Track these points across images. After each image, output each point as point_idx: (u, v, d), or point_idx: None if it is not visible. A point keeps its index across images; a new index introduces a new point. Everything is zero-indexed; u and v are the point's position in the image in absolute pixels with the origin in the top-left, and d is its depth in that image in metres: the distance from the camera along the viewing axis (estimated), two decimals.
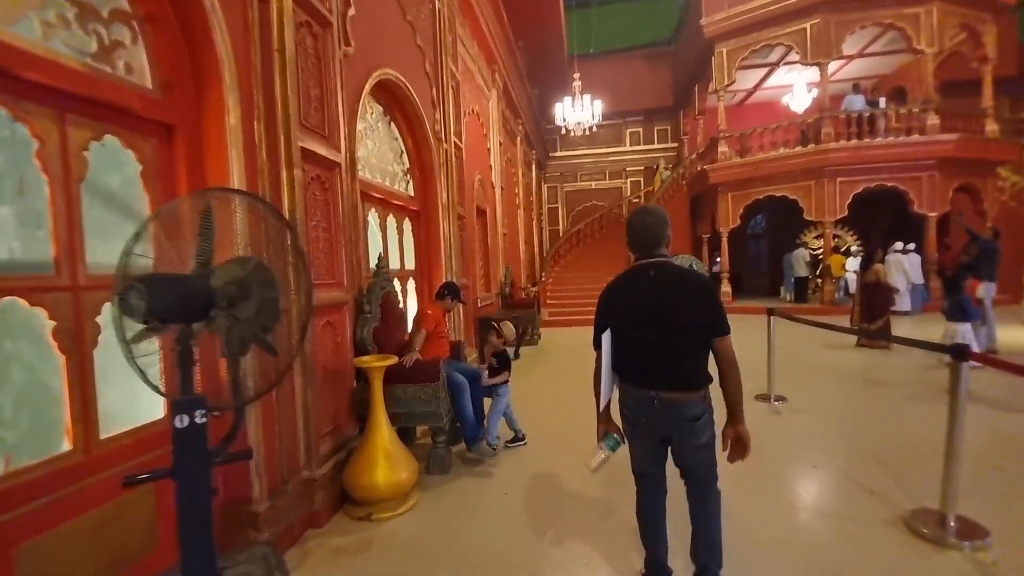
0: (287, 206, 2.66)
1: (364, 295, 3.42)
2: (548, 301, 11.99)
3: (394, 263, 4.88)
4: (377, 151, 4.49)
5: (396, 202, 4.79)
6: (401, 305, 4.05)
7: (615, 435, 1.93)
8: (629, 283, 1.93)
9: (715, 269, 15.87)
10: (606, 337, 1.89)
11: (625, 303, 1.91)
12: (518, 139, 11.75)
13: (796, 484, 3.09)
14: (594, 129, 9.46)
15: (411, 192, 5.27)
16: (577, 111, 9.36)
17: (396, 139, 4.98)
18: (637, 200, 16.62)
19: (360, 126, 4.14)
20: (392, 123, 4.86)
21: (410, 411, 3.17)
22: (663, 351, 1.82)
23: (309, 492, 2.72)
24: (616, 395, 2.02)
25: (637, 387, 1.89)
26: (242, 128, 2.40)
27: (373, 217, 4.46)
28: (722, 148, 12.62)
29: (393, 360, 2.99)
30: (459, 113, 6.24)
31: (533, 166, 14.90)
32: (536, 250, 14.92)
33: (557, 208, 17.85)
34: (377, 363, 2.89)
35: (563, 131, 9.67)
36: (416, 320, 3.66)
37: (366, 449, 2.82)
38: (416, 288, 5.41)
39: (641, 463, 2.01)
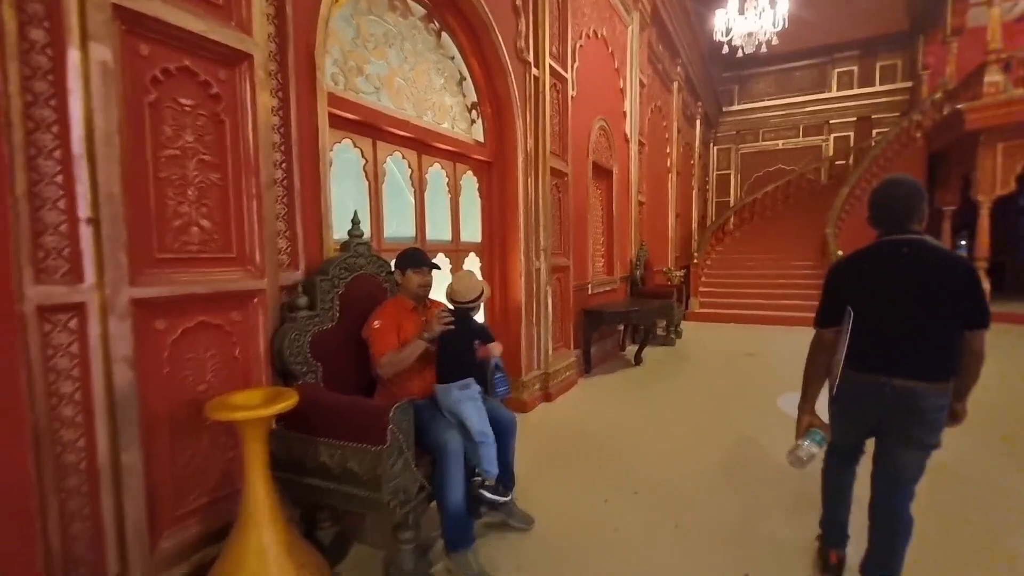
0: (79, 115, 1.44)
1: (303, 281, 2.11)
2: (701, 289, 9.61)
3: (439, 233, 3.52)
4: (410, 70, 3.12)
5: (444, 146, 3.40)
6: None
7: (820, 430, 1.80)
8: (876, 259, 1.73)
9: (960, 254, 11.42)
10: (833, 316, 1.77)
11: (869, 281, 1.73)
12: (675, 85, 9.39)
13: None
14: (773, 42, 6.57)
15: (477, 135, 3.82)
16: (749, 18, 6.52)
17: (452, 58, 3.55)
18: (843, 162, 12.70)
19: (375, 27, 2.81)
20: (444, 34, 3.43)
21: (341, 489, 1.80)
22: (908, 336, 1.65)
23: None
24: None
25: (865, 372, 1.71)
26: None
27: (397, 164, 3.13)
28: (991, 78, 8.51)
29: (290, 400, 1.63)
30: (566, 30, 4.54)
31: (698, 122, 12.19)
32: (695, 226, 12.32)
33: (729, 175, 14.67)
34: (249, 410, 1.56)
35: (726, 49, 6.93)
36: (367, 340, 2.17)
37: (221, 569, 1.54)
38: (481, 270, 4.00)
39: (842, 441, 1.88)
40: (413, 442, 1.84)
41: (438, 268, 2.35)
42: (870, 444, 1.86)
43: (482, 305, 2.26)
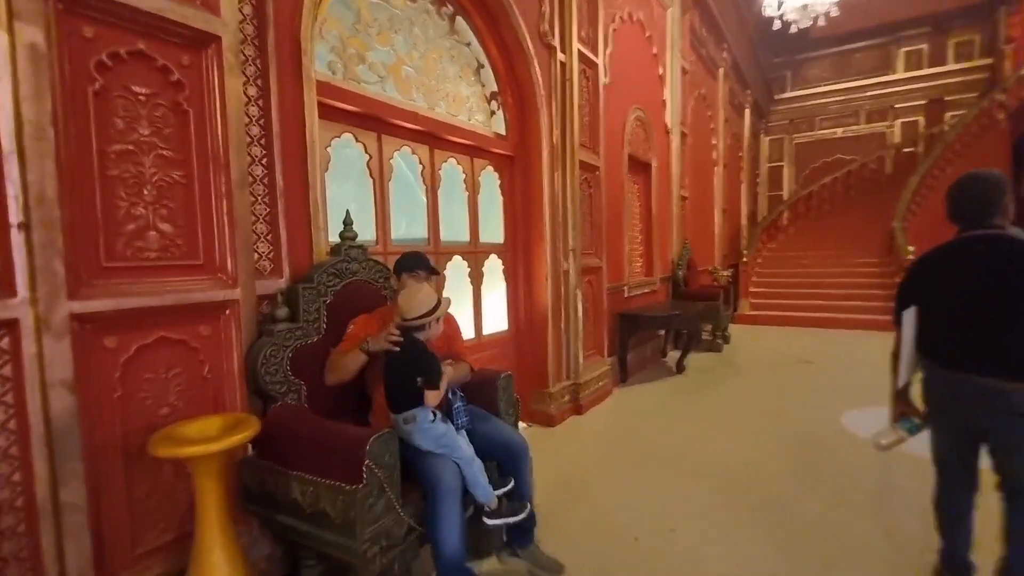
0: (9, 107, 1.26)
1: (284, 290, 1.89)
2: (752, 290, 8.96)
3: (456, 234, 3.27)
4: (420, 58, 2.88)
5: (460, 140, 3.14)
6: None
7: (915, 418, 1.77)
8: (950, 255, 1.71)
9: None
10: (908, 314, 1.74)
11: (944, 277, 1.71)
12: (720, 72, 8.79)
13: None
14: (832, 13, 5.90)
15: (497, 127, 3.55)
16: None
17: (468, 44, 3.29)
18: (911, 150, 11.61)
19: (379, 12, 2.60)
20: (459, 18, 3.18)
21: (314, 532, 1.57)
22: (988, 333, 1.58)
23: None
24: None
25: (948, 368, 1.66)
26: None
27: (406, 160, 2.90)
28: None
29: (248, 432, 1.42)
30: (596, 12, 4.19)
31: (747, 111, 11.44)
32: (744, 222, 11.59)
33: (781, 167, 13.76)
34: (197, 444, 1.34)
35: (778, 24, 6.30)
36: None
37: None
38: (504, 272, 3.72)
39: (944, 453, 1.78)
40: (399, 477, 1.58)
41: (437, 273, 2.10)
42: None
43: (435, 326, 1.80)
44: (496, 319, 3.64)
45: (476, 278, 3.40)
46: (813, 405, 4.09)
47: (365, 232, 2.61)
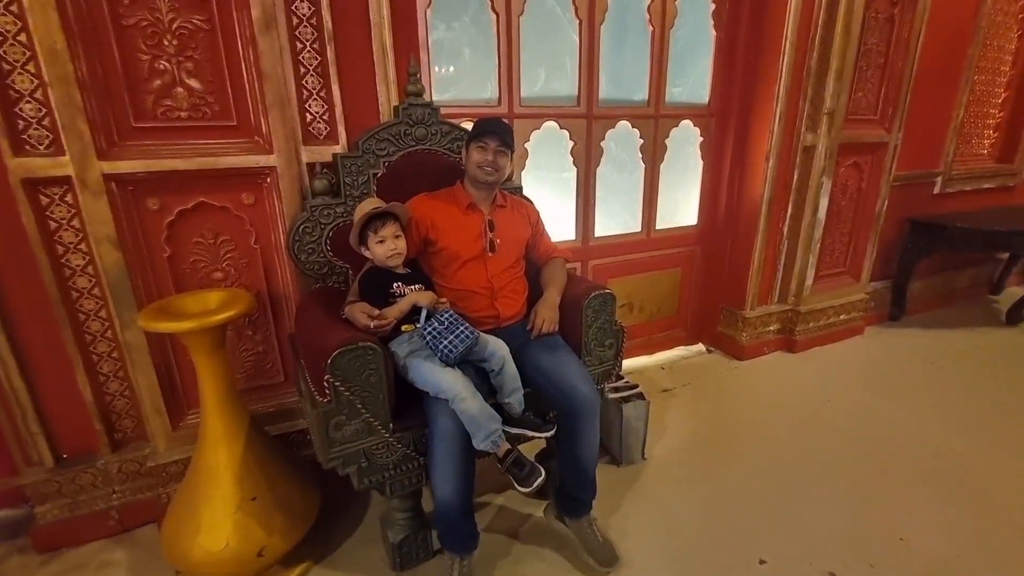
0: None
1: (338, 159, 1.62)
2: None
3: (626, 90, 2.45)
4: None
5: None
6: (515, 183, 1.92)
7: None
8: None
9: None
10: None
11: None
12: None
13: None
14: None
15: None
16: None
17: None
18: None
19: None
20: None
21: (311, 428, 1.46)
22: None
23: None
24: None
25: None
26: None
27: None
28: None
29: (233, 311, 1.31)
30: None
31: None
32: None
33: None
34: (178, 320, 1.29)
35: None
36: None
37: (185, 488, 1.44)
38: (702, 147, 2.72)
39: None
40: (387, 399, 1.30)
41: (510, 147, 1.53)
42: None
43: (377, 245, 1.42)
44: (678, 209, 2.78)
45: (653, 152, 2.56)
46: None
47: (483, 88, 2.14)
